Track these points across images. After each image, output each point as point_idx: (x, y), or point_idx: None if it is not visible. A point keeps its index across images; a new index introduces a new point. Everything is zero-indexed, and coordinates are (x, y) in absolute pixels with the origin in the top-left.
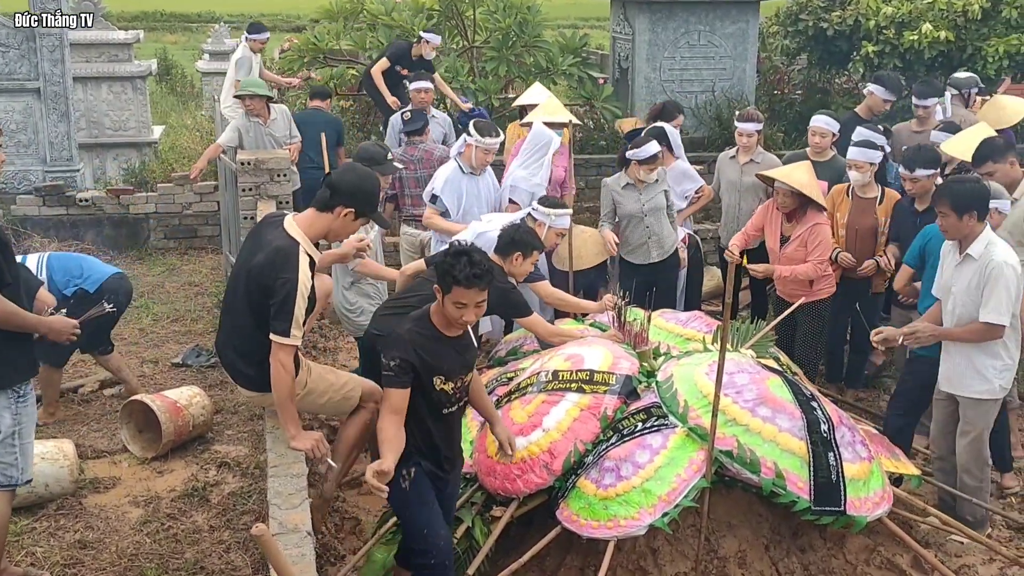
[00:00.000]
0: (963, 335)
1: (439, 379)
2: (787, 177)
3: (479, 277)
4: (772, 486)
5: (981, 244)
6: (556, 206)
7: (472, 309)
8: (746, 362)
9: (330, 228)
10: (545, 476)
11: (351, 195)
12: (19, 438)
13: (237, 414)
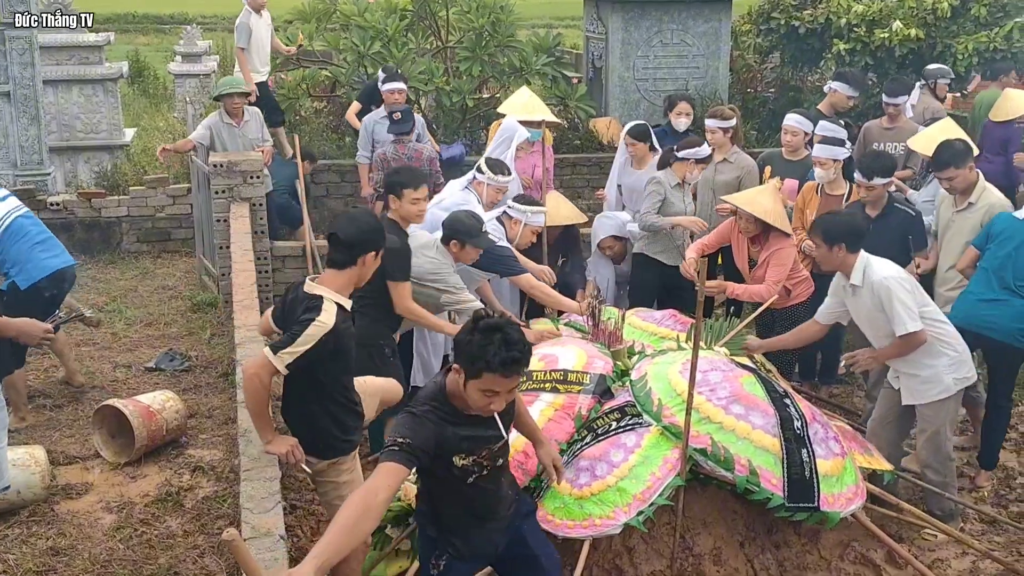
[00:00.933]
0: (893, 353)
1: (459, 457)
2: (750, 204)
3: (517, 362)
4: (746, 483)
5: (859, 272)
6: (531, 203)
7: (504, 397)
8: (720, 360)
9: (360, 277)
10: (520, 477)
11: (365, 242)
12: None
13: (211, 418)
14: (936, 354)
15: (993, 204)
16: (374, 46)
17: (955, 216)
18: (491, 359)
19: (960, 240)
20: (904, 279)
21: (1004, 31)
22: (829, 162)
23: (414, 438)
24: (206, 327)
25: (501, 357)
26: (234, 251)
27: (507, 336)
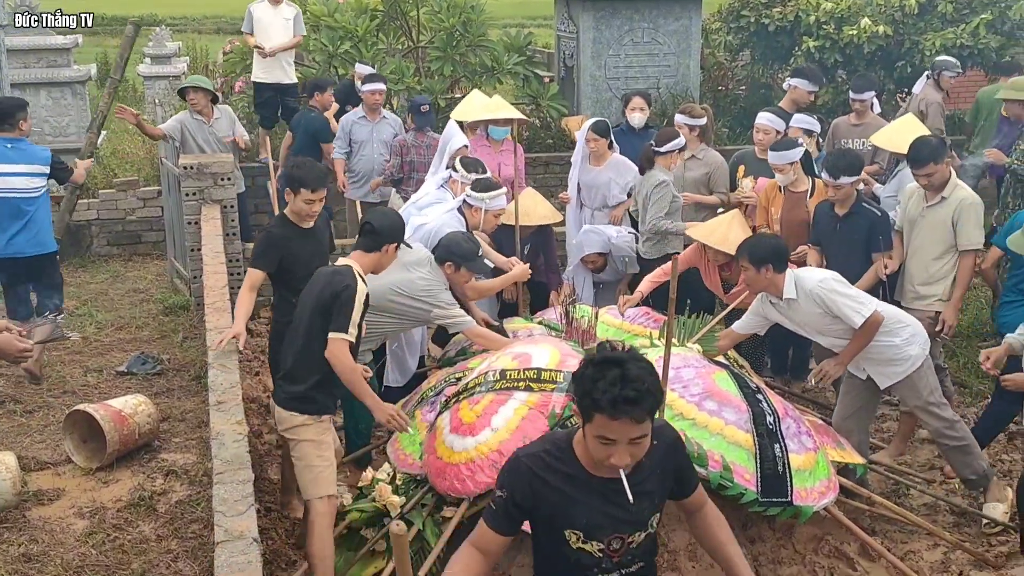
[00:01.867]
0: (857, 348)
1: (573, 533)
2: (723, 243)
3: (631, 402)
4: (720, 479)
5: (791, 286)
6: (489, 188)
7: (625, 449)
8: (692, 357)
9: (379, 263)
10: (494, 475)
11: (392, 234)
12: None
13: (184, 422)
14: (892, 332)
15: (964, 198)
16: (344, 46)
17: (925, 211)
18: (599, 397)
19: (930, 235)
20: (833, 277)
21: (970, 27)
22: (786, 167)
23: (512, 490)
24: (178, 330)
25: (611, 395)
26: (205, 253)
27: (626, 372)
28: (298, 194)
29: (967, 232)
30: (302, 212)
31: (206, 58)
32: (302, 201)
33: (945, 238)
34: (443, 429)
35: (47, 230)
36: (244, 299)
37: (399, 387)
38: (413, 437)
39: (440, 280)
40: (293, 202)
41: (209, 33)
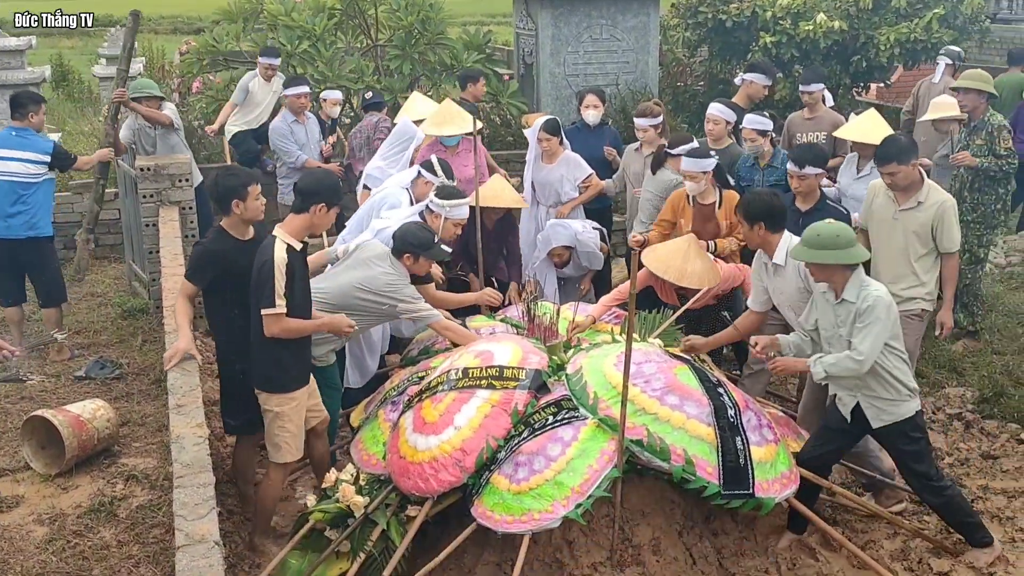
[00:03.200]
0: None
1: None
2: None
3: None
4: (682, 473)
5: (782, 251)
6: (452, 196)
7: None
8: (654, 352)
9: (311, 224)
10: (458, 474)
11: (319, 194)
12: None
13: (144, 426)
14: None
15: (943, 202)
16: (302, 45)
17: (899, 214)
18: None
19: (906, 239)
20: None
21: (923, 22)
22: (699, 175)
23: None
24: (137, 334)
25: None
26: (164, 256)
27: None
28: (248, 196)
29: (949, 235)
30: (257, 211)
31: (163, 58)
32: (254, 199)
33: (924, 242)
34: (406, 428)
35: (44, 215)
36: (182, 308)
37: (359, 388)
38: (377, 437)
39: (402, 274)
40: (245, 208)
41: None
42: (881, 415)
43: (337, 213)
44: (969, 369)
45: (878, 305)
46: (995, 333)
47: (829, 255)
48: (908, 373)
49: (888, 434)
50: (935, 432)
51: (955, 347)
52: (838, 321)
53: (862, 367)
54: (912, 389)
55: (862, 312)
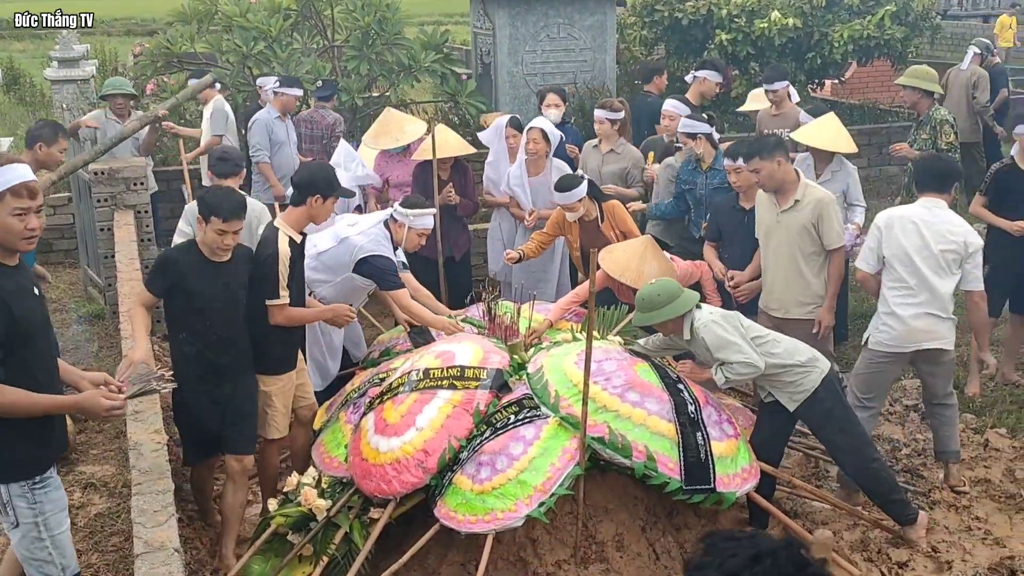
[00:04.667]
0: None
1: None
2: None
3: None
4: (644, 469)
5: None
6: (416, 206)
7: None
8: (614, 349)
9: (310, 215)
10: (421, 475)
11: (311, 185)
12: (47, 530)
13: (102, 433)
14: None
15: (820, 199)
16: (257, 47)
17: (780, 216)
18: None
19: (788, 244)
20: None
21: (876, 19)
22: (575, 204)
23: None
24: (93, 340)
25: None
26: (119, 260)
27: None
28: (208, 223)
29: (831, 232)
30: (212, 244)
31: (116, 60)
32: (213, 231)
33: (811, 240)
34: (368, 430)
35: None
36: (138, 316)
37: (320, 391)
38: (338, 440)
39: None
40: (204, 232)
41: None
42: (793, 397)
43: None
44: None
45: (708, 329)
46: None
47: (659, 315)
48: (795, 349)
49: (807, 412)
50: (892, 423)
51: None
52: (698, 359)
53: (754, 369)
54: (807, 360)
55: (709, 345)
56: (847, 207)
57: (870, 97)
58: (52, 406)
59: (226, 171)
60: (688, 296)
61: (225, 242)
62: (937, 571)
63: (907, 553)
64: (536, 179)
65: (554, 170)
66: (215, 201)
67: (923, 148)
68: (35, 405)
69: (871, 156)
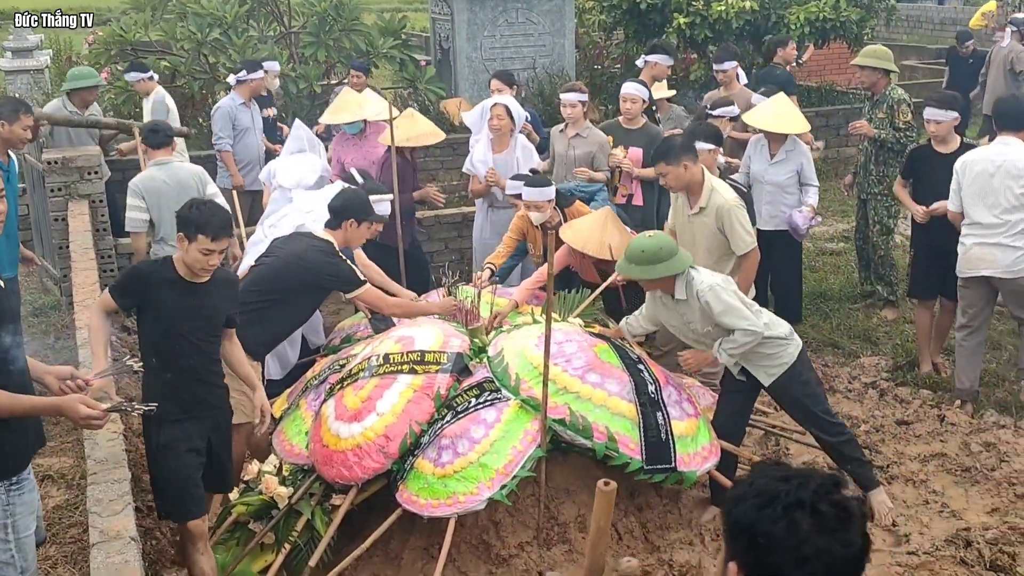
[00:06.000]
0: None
1: None
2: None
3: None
4: (605, 450)
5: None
6: (373, 191)
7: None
8: (574, 331)
9: (347, 238)
10: (382, 460)
11: (345, 211)
12: (14, 532)
13: (59, 425)
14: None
15: (721, 205)
16: (212, 33)
17: (691, 219)
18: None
19: (703, 242)
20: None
21: (831, 1)
22: (543, 204)
23: None
24: (49, 331)
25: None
26: (74, 250)
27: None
28: (193, 240)
29: (737, 238)
30: (196, 265)
31: (70, 50)
32: (198, 250)
33: (719, 244)
34: (328, 417)
35: None
36: (96, 329)
37: (279, 379)
38: (299, 427)
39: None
40: (186, 250)
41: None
42: (769, 371)
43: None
44: (883, 338)
45: (713, 292)
46: (907, 303)
47: (660, 269)
48: (776, 322)
49: (784, 385)
50: (851, 400)
51: (882, 314)
52: (684, 320)
53: (757, 336)
54: (788, 334)
55: (708, 309)
56: (801, 187)
57: (827, 79)
58: (31, 409)
59: (158, 142)
60: (685, 255)
61: (211, 262)
62: (895, 544)
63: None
64: (500, 156)
65: (519, 147)
66: (201, 218)
67: (880, 127)
68: (16, 406)
69: (828, 137)
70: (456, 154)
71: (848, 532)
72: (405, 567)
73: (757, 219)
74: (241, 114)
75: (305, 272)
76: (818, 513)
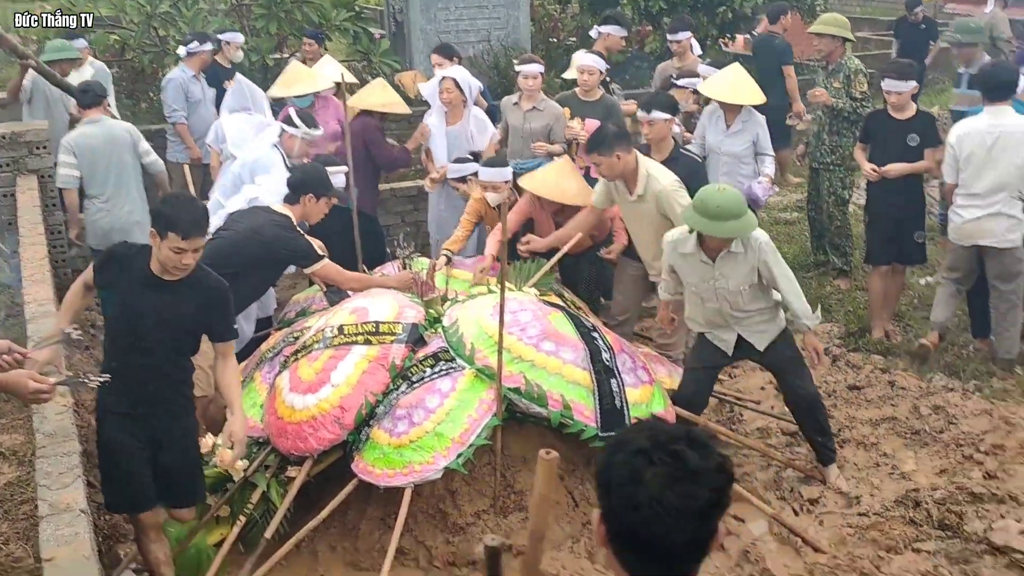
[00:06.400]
0: None
1: None
2: (560, 195)
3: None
4: (560, 417)
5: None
6: (328, 164)
7: None
8: (528, 300)
9: (304, 213)
10: (337, 431)
11: (303, 185)
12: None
13: (9, 402)
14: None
15: (659, 192)
16: (162, 6)
17: (633, 205)
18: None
19: (649, 229)
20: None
21: None
22: (501, 184)
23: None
24: (0, 308)
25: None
26: (22, 225)
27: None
28: (164, 238)
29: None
30: (168, 263)
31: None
32: (169, 249)
33: (666, 226)
34: (283, 389)
35: None
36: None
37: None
38: (253, 400)
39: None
40: (158, 247)
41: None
42: (764, 336)
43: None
44: (835, 306)
45: (766, 243)
46: (859, 271)
47: (731, 227)
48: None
49: (773, 350)
50: None
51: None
52: (719, 275)
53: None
54: (777, 301)
55: (766, 267)
56: (757, 157)
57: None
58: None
59: (89, 101)
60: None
61: (184, 261)
62: (847, 506)
63: (818, 490)
64: (453, 128)
65: (472, 119)
66: (173, 214)
67: (836, 97)
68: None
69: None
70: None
71: (689, 484)
72: (362, 537)
73: None
74: (192, 87)
75: (262, 246)
76: (659, 462)
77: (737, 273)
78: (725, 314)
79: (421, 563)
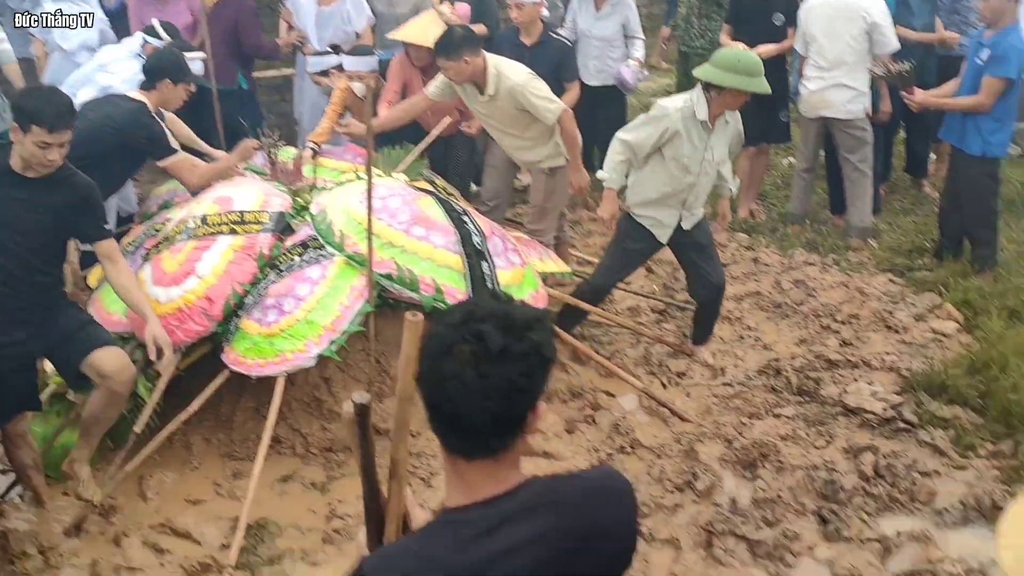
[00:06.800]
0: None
1: None
2: (422, 38)
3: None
4: (433, 302)
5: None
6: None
7: None
8: (398, 186)
9: (160, 99)
10: (206, 323)
11: (160, 71)
12: None
13: None
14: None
15: (512, 89)
16: None
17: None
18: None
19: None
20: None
21: None
22: (367, 74)
23: None
24: None
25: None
26: None
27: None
28: (28, 132)
29: (541, 111)
30: (32, 159)
31: None
32: (33, 143)
33: (527, 119)
34: (146, 282)
35: None
36: None
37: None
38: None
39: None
40: (21, 142)
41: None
42: (695, 217)
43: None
44: None
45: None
46: None
47: (755, 83)
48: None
49: (698, 229)
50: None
51: None
52: (713, 145)
53: None
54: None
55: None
56: (627, 40)
57: None
58: None
59: None
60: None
61: (49, 157)
62: (712, 376)
63: (685, 364)
64: (328, 8)
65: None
66: (34, 105)
67: None
68: None
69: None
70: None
71: (489, 364)
72: (237, 428)
73: (583, 73)
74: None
75: (117, 134)
76: (464, 340)
77: (721, 143)
78: (696, 191)
79: (298, 450)
